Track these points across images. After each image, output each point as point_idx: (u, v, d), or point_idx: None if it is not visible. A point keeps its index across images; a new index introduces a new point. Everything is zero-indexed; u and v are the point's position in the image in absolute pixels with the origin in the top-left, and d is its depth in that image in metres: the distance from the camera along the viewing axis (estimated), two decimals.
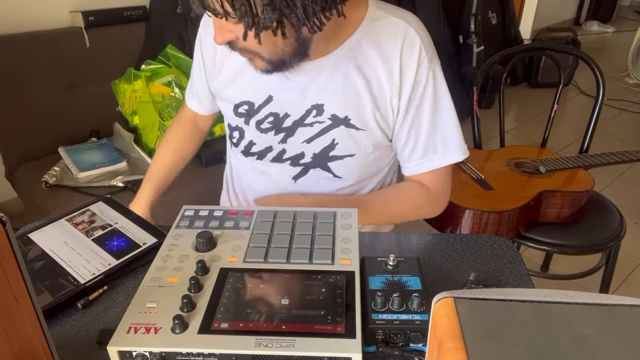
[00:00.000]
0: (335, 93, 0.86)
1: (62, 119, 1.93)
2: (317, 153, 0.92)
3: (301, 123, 0.90)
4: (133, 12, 2.04)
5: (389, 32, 0.83)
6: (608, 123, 3.23)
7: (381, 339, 0.61)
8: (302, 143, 0.92)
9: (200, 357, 0.54)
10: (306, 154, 0.93)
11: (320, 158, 0.92)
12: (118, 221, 0.82)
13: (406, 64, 0.84)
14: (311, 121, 0.89)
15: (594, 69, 1.45)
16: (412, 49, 0.84)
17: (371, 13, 0.84)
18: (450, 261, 0.78)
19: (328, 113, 0.88)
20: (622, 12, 5.83)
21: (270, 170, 0.98)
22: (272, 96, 0.89)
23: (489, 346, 0.31)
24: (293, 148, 0.93)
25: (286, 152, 0.94)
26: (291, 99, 0.88)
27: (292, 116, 0.90)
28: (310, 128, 0.90)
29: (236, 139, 0.99)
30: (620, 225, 1.37)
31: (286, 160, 0.95)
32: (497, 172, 1.42)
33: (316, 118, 0.88)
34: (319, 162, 0.93)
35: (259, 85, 0.89)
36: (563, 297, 0.34)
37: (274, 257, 0.66)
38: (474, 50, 3.09)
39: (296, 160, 0.94)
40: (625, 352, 0.31)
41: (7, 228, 0.42)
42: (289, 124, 0.91)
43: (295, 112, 0.89)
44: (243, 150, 0.98)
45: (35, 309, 0.48)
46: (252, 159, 0.98)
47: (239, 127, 0.96)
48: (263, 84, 0.89)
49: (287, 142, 0.93)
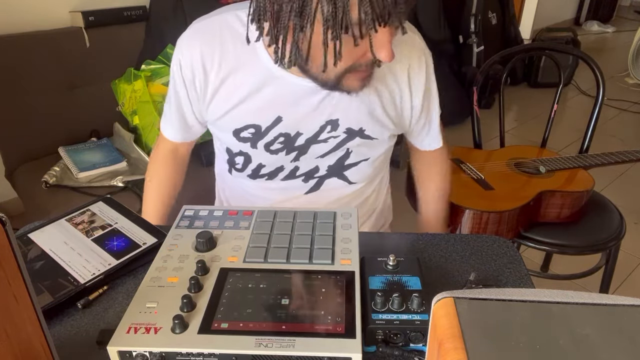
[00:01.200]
0: (350, 108, 0.85)
1: (62, 119, 1.93)
2: (332, 165, 0.92)
3: (315, 140, 0.88)
4: (133, 12, 2.04)
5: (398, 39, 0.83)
6: (608, 123, 3.23)
7: (381, 339, 0.61)
8: (317, 158, 0.90)
9: (200, 357, 0.54)
10: (321, 167, 0.92)
11: (335, 168, 0.92)
12: (118, 221, 0.82)
13: (414, 64, 0.87)
14: (325, 137, 0.88)
15: (594, 69, 1.45)
16: (416, 47, 0.87)
17: None
18: (450, 261, 0.78)
19: (343, 127, 0.87)
20: (622, 12, 5.83)
21: (280, 187, 0.95)
22: (281, 117, 0.85)
23: (489, 346, 0.31)
24: (306, 164, 0.91)
25: (299, 169, 0.92)
26: (303, 117, 0.85)
27: (304, 134, 0.87)
28: (324, 144, 0.88)
29: (240, 164, 0.93)
30: (620, 225, 1.37)
31: (299, 177, 0.93)
32: (497, 172, 1.42)
33: (331, 133, 0.87)
34: (334, 173, 0.93)
35: (265, 108, 0.85)
36: (563, 297, 0.34)
37: (274, 257, 0.66)
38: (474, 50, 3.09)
39: (310, 175, 0.93)
40: (625, 352, 0.31)
41: (7, 228, 0.42)
42: (302, 142, 0.88)
43: (308, 129, 0.87)
44: (250, 174, 0.94)
45: (35, 309, 0.48)
46: (260, 181, 0.95)
47: (244, 152, 0.91)
48: (270, 105, 0.84)
49: (300, 160, 0.90)
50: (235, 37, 0.82)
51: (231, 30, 0.82)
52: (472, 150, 1.58)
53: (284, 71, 0.81)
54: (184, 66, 0.85)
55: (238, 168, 0.94)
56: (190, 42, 0.84)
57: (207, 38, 0.83)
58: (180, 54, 0.85)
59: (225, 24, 0.83)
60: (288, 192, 0.95)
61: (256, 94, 0.84)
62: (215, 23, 0.84)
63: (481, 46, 3.11)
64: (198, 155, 1.88)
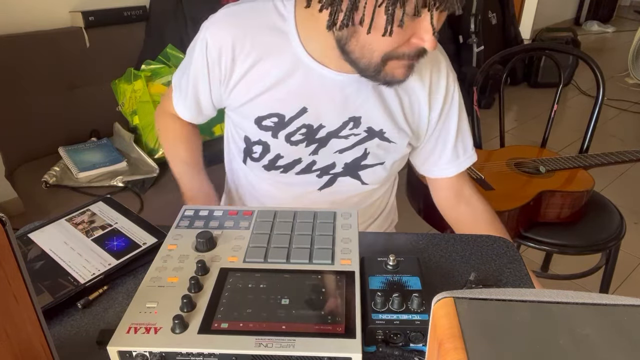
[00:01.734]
0: (374, 108, 0.86)
1: (62, 119, 1.93)
2: (349, 163, 0.92)
3: (336, 134, 0.88)
4: (133, 12, 2.04)
5: None
6: (608, 123, 3.23)
7: (381, 339, 0.61)
8: (335, 153, 0.90)
9: (200, 357, 0.54)
10: (337, 164, 0.92)
11: (351, 167, 0.92)
12: (118, 221, 0.82)
13: (435, 75, 0.88)
14: (347, 133, 0.88)
15: (594, 69, 1.45)
16: (439, 62, 0.89)
17: None
18: (450, 261, 0.78)
19: (365, 126, 0.88)
20: (622, 12, 5.83)
21: (293, 182, 0.94)
22: (306, 108, 0.85)
23: (489, 346, 0.31)
24: (324, 159, 0.91)
25: (316, 163, 0.91)
26: (328, 110, 0.86)
27: (327, 127, 0.87)
28: (345, 140, 0.89)
29: (258, 153, 0.92)
30: (620, 225, 1.37)
31: (315, 172, 0.93)
32: (497, 172, 1.42)
33: (352, 130, 0.88)
34: (349, 172, 0.93)
35: (292, 97, 0.85)
36: (563, 297, 0.34)
37: (273, 257, 0.66)
38: (474, 50, 3.09)
39: (326, 171, 0.93)
40: (625, 352, 0.31)
41: (7, 228, 0.42)
42: (323, 135, 0.88)
43: (332, 123, 0.87)
44: (266, 165, 0.92)
45: (35, 309, 0.48)
46: (274, 173, 0.93)
47: (263, 141, 0.89)
48: (296, 96, 0.84)
49: (319, 154, 0.90)
50: (270, 24, 0.82)
51: (266, 17, 0.82)
52: None
53: (315, 62, 0.82)
54: (210, 46, 0.84)
55: (255, 157, 0.93)
56: (222, 24, 0.84)
57: (241, 22, 0.83)
58: (209, 34, 0.84)
59: (261, 10, 0.83)
60: (300, 187, 0.95)
61: (283, 83, 0.83)
62: (250, 8, 0.84)
63: (481, 46, 3.11)
64: None
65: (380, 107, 0.87)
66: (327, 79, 0.83)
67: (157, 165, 1.79)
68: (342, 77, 0.82)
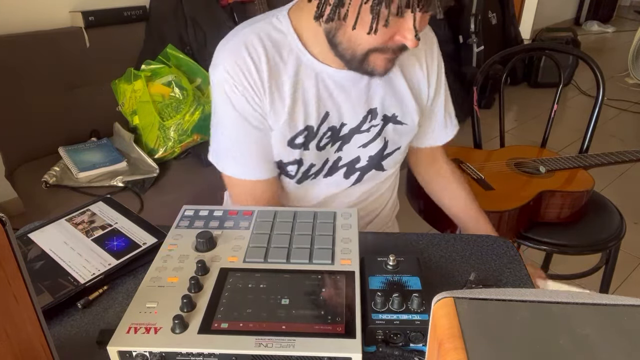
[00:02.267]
0: (386, 96, 0.90)
1: (62, 119, 1.93)
2: (373, 156, 0.94)
3: (358, 130, 0.90)
4: (133, 12, 2.04)
5: None
6: (608, 123, 3.23)
7: (381, 339, 0.61)
8: (358, 148, 0.92)
9: (200, 357, 0.54)
10: (362, 157, 0.93)
11: (375, 160, 0.94)
12: (118, 221, 0.82)
13: (429, 54, 0.94)
14: (367, 127, 0.91)
15: (594, 69, 1.45)
16: (430, 39, 0.95)
17: None
18: (450, 261, 0.78)
19: (380, 115, 0.91)
20: (622, 12, 5.83)
21: (322, 184, 0.94)
22: (328, 112, 0.87)
23: (489, 346, 0.31)
24: (348, 154, 0.92)
25: (341, 159, 0.93)
26: (348, 108, 0.88)
27: (348, 124, 0.89)
28: (366, 133, 0.91)
29: (293, 171, 0.91)
30: (620, 225, 1.37)
31: (341, 168, 0.94)
32: (497, 172, 1.42)
33: (371, 122, 0.91)
34: (374, 164, 0.95)
35: (312, 106, 0.86)
36: (563, 297, 0.34)
37: (273, 257, 0.66)
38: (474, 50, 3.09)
39: (352, 166, 0.94)
40: (625, 352, 0.31)
41: (7, 228, 0.42)
42: (346, 132, 0.90)
43: (352, 120, 0.89)
44: (299, 178, 0.92)
45: (35, 309, 0.48)
46: (306, 182, 0.94)
47: (297, 160, 0.89)
48: (316, 103, 0.85)
49: (343, 150, 0.92)
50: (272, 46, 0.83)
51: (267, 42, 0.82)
52: (472, 150, 1.58)
53: (322, 65, 0.84)
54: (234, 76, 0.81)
55: (290, 175, 0.92)
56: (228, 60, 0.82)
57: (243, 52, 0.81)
58: (222, 70, 0.82)
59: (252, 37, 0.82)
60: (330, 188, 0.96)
61: (300, 91, 0.84)
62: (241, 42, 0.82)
63: (481, 46, 3.11)
64: (198, 155, 1.88)
65: (391, 93, 0.90)
66: (338, 79, 0.85)
67: (157, 165, 1.79)
68: (351, 74, 0.84)
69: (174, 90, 1.86)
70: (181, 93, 1.86)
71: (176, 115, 1.85)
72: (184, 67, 1.98)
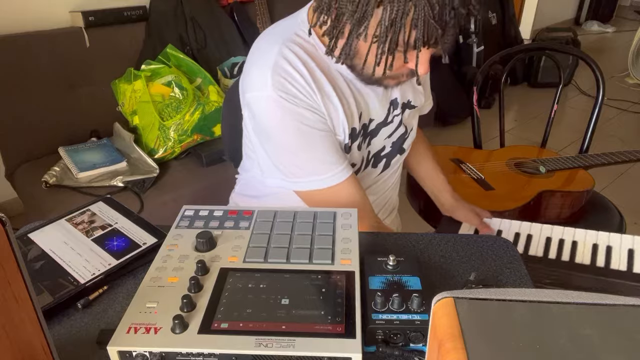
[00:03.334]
0: (402, 86, 0.95)
1: (62, 119, 1.93)
2: (396, 141, 0.99)
3: (385, 124, 0.96)
4: (133, 12, 2.04)
5: None
6: (608, 123, 3.22)
7: (381, 339, 0.61)
8: (385, 139, 0.98)
9: (200, 357, 0.54)
10: (386, 146, 0.99)
11: (398, 145, 1.01)
12: (118, 221, 0.82)
13: None
14: (391, 118, 0.96)
15: (594, 69, 1.45)
16: None
17: None
18: (450, 261, 0.78)
19: (400, 104, 0.97)
20: (622, 12, 5.83)
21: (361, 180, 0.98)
22: (361, 112, 0.92)
23: (489, 346, 0.31)
24: (376, 146, 0.98)
25: (370, 152, 0.98)
26: (374, 105, 0.93)
27: (375, 119, 0.94)
28: (391, 125, 0.97)
29: None
30: (620, 225, 1.37)
31: (370, 161, 0.98)
32: (497, 172, 1.42)
33: (394, 113, 0.96)
34: (397, 149, 1.00)
35: (353, 109, 0.90)
36: (563, 297, 0.34)
37: (273, 257, 0.66)
38: (474, 50, 3.09)
39: (378, 155, 0.99)
40: (625, 352, 0.31)
41: (7, 228, 0.42)
42: (373, 127, 0.95)
43: (379, 115, 0.94)
44: None
45: (35, 309, 0.48)
46: None
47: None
48: (355, 106, 0.90)
49: (372, 143, 0.97)
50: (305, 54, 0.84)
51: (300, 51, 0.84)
52: (472, 150, 1.58)
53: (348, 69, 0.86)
54: (296, 102, 0.82)
55: None
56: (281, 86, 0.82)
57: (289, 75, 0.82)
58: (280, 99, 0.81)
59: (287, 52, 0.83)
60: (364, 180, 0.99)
61: (342, 96, 0.88)
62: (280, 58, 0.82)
63: (481, 46, 3.11)
64: (198, 155, 1.88)
65: (406, 82, 0.94)
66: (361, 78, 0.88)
67: (157, 165, 1.79)
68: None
69: (174, 90, 1.86)
70: (181, 93, 1.86)
71: (176, 115, 1.85)
72: (184, 67, 1.98)
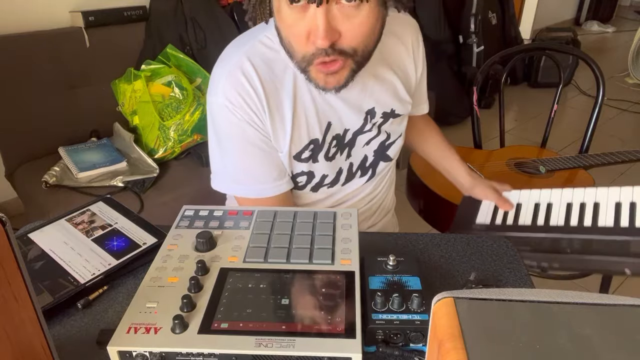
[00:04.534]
0: (380, 93, 0.90)
1: (62, 119, 1.93)
2: (377, 149, 0.95)
3: (361, 131, 0.92)
4: (133, 12, 2.04)
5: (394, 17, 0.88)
6: (608, 123, 3.22)
7: (381, 339, 0.61)
8: (364, 147, 0.94)
9: (200, 357, 0.54)
10: (368, 155, 0.95)
11: (380, 152, 0.96)
12: (118, 221, 0.82)
13: (414, 40, 0.94)
14: (369, 127, 0.92)
15: (594, 69, 1.45)
16: (413, 26, 0.95)
17: None
18: (450, 261, 0.78)
19: (379, 113, 0.92)
20: (622, 12, 5.83)
21: (342, 190, 0.96)
22: (330, 122, 0.88)
23: (489, 346, 0.31)
24: (357, 156, 0.94)
25: (353, 165, 0.94)
26: (347, 114, 0.88)
27: (351, 129, 0.90)
28: (369, 132, 0.93)
29: (303, 182, 0.92)
30: None
31: (356, 173, 0.95)
32: (497, 172, 1.42)
33: (372, 121, 0.92)
34: (380, 156, 0.97)
35: (314, 120, 0.86)
36: (563, 297, 0.34)
37: (273, 257, 0.66)
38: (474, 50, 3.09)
39: (363, 166, 0.95)
40: (625, 352, 0.31)
41: (7, 228, 0.42)
42: (350, 137, 0.91)
43: (354, 124, 0.90)
44: (313, 187, 0.93)
45: (35, 309, 0.48)
46: (322, 190, 0.94)
47: (305, 172, 0.90)
48: (317, 116, 0.86)
49: (352, 155, 0.93)
50: (265, 66, 0.82)
51: (259, 62, 0.82)
52: (472, 150, 1.58)
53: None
54: (232, 100, 0.81)
55: (300, 186, 0.93)
56: (230, 96, 0.81)
57: (241, 86, 0.81)
58: (228, 106, 0.81)
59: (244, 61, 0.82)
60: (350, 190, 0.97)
61: (300, 106, 0.84)
62: (236, 68, 0.82)
63: (481, 46, 3.11)
64: (198, 155, 1.88)
65: (384, 89, 0.90)
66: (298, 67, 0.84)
67: (157, 165, 1.79)
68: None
69: (174, 90, 1.86)
70: (181, 93, 1.86)
71: (176, 115, 1.85)
72: (184, 67, 1.98)
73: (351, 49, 0.72)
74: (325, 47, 0.69)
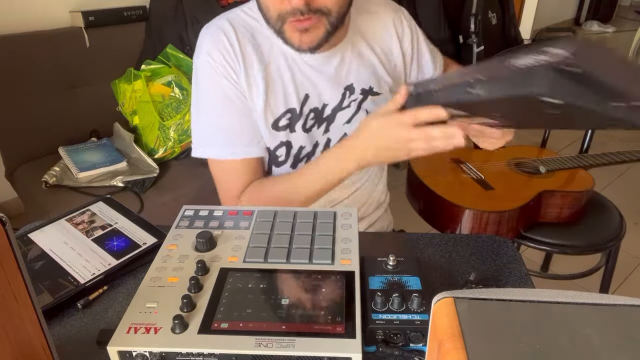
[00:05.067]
0: (359, 70, 0.94)
1: (62, 119, 1.93)
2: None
3: (340, 108, 0.94)
4: (133, 12, 2.04)
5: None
6: None
7: (381, 339, 0.61)
8: (344, 125, 0.95)
9: (200, 357, 0.54)
10: (348, 134, 0.96)
11: None
12: (118, 221, 0.82)
13: (397, 20, 0.98)
14: (347, 103, 0.94)
15: None
16: (391, 5, 0.99)
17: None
18: (450, 261, 0.78)
19: (358, 89, 0.94)
20: (622, 12, 5.83)
21: None
22: (308, 94, 0.91)
23: (489, 346, 0.31)
24: (336, 133, 0.96)
25: (331, 140, 0.96)
26: (325, 88, 0.92)
27: (330, 104, 0.93)
28: (348, 109, 0.95)
29: (283, 155, 0.93)
30: (620, 225, 1.37)
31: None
32: (497, 172, 1.42)
33: (350, 98, 0.94)
34: None
35: (291, 89, 0.90)
36: (563, 297, 0.35)
37: (274, 257, 0.66)
38: (474, 50, 3.09)
39: None
40: (625, 352, 0.31)
41: (7, 228, 0.42)
42: (329, 113, 0.94)
43: (333, 99, 0.93)
44: (292, 163, 0.94)
45: (35, 309, 0.48)
46: (300, 167, 0.95)
47: (285, 142, 0.92)
48: (294, 86, 0.90)
49: (330, 130, 0.95)
50: (245, 30, 0.88)
51: (238, 26, 0.88)
52: (472, 150, 1.58)
53: (294, 51, 0.87)
54: (214, 56, 0.86)
55: (280, 161, 0.94)
56: (211, 52, 0.87)
57: (221, 43, 0.87)
58: (205, 51, 0.87)
59: (225, 23, 0.89)
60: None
61: (275, 74, 0.89)
62: (218, 28, 0.88)
63: (481, 46, 3.11)
64: None
65: (363, 66, 0.94)
66: (310, 61, 0.90)
67: (157, 165, 1.79)
68: (321, 55, 0.89)
69: (174, 90, 1.86)
70: (181, 93, 1.86)
71: (176, 115, 1.85)
72: (184, 67, 1.98)
73: (325, 8, 0.78)
74: (300, 7, 0.75)
